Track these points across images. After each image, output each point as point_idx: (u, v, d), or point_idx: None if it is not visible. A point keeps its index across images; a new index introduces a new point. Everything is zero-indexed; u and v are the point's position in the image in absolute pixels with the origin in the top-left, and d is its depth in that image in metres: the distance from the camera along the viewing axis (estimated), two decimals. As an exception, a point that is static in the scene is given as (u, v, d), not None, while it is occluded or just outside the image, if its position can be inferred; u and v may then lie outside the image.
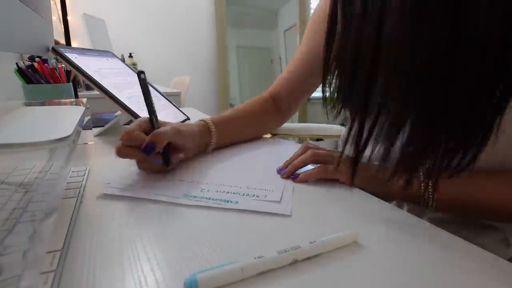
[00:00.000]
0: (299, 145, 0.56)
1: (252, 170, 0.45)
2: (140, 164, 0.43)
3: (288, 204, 0.34)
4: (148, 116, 0.43)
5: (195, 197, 0.35)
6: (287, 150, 0.55)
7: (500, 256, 0.25)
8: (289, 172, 0.42)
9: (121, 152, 0.40)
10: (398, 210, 0.34)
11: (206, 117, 0.55)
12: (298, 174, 0.41)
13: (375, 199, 0.36)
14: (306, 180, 0.41)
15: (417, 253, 0.25)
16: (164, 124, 0.45)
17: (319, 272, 0.23)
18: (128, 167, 0.44)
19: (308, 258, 0.24)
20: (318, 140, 3.18)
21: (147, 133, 0.41)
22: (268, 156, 0.53)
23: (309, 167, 0.43)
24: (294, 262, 0.23)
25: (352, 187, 0.39)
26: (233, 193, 0.36)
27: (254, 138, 0.63)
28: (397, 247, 0.26)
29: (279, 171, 0.43)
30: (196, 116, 0.96)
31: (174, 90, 1.87)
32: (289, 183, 0.40)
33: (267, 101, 0.65)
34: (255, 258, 0.22)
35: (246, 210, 0.32)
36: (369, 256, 0.25)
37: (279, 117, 0.67)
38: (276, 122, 0.68)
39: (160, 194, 0.35)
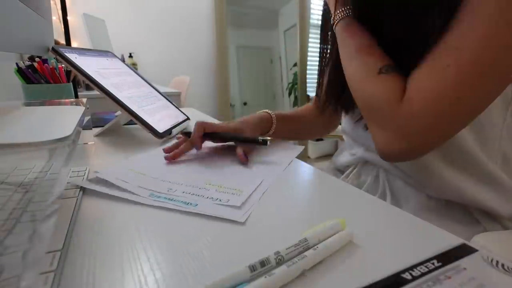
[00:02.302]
0: (293, 147, 0.56)
1: (232, 171, 0.44)
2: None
3: (247, 211, 0.32)
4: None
5: (158, 197, 0.35)
6: (277, 152, 0.55)
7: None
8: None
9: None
10: (388, 205, 0.34)
11: (209, 117, 0.59)
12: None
13: (370, 196, 0.36)
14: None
15: (413, 249, 0.25)
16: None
17: (325, 277, 0.23)
18: (119, 162, 0.44)
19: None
20: (318, 140, 3.18)
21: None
22: (256, 157, 0.52)
23: None
24: (302, 273, 0.23)
25: None
26: (198, 195, 0.36)
27: (307, 138, 0.77)
28: (392, 245, 0.26)
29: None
30: (196, 116, 0.96)
31: (174, 90, 1.87)
32: (262, 187, 0.39)
33: (314, 108, 0.71)
34: (265, 277, 0.21)
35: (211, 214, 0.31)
36: (366, 255, 0.25)
37: (327, 123, 0.73)
38: (326, 127, 0.75)
39: (127, 191, 0.36)
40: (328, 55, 0.60)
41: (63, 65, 0.81)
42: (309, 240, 0.25)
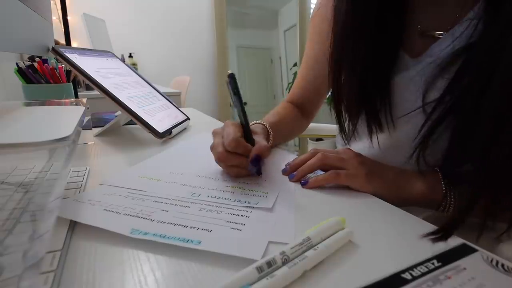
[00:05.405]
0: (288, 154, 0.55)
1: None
2: (235, 170, 0.40)
3: (261, 246, 0.25)
4: (238, 121, 0.42)
5: (146, 233, 0.27)
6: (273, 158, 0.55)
7: (494, 252, 0.25)
8: (297, 177, 0.40)
9: (226, 159, 0.39)
10: (388, 204, 0.34)
11: (209, 117, 0.55)
12: (307, 180, 0.39)
13: (370, 196, 0.36)
14: (316, 186, 0.38)
15: (413, 249, 0.25)
16: (253, 131, 0.45)
17: (325, 277, 0.23)
18: (121, 168, 0.44)
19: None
20: (318, 140, 3.18)
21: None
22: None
23: (318, 171, 0.41)
24: (304, 273, 0.23)
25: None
26: (223, 199, 0.34)
27: (292, 138, 0.70)
28: (392, 245, 0.26)
29: (285, 173, 0.42)
30: (196, 116, 0.95)
31: (174, 90, 1.87)
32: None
33: (292, 107, 0.68)
34: (267, 279, 0.21)
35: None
36: (366, 255, 0.25)
37: (304, 121, 0.71)
38: (304, 125, 0.73)
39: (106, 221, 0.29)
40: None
41: (63, 65, 0.81)
42: (312, 239, 0.25)
